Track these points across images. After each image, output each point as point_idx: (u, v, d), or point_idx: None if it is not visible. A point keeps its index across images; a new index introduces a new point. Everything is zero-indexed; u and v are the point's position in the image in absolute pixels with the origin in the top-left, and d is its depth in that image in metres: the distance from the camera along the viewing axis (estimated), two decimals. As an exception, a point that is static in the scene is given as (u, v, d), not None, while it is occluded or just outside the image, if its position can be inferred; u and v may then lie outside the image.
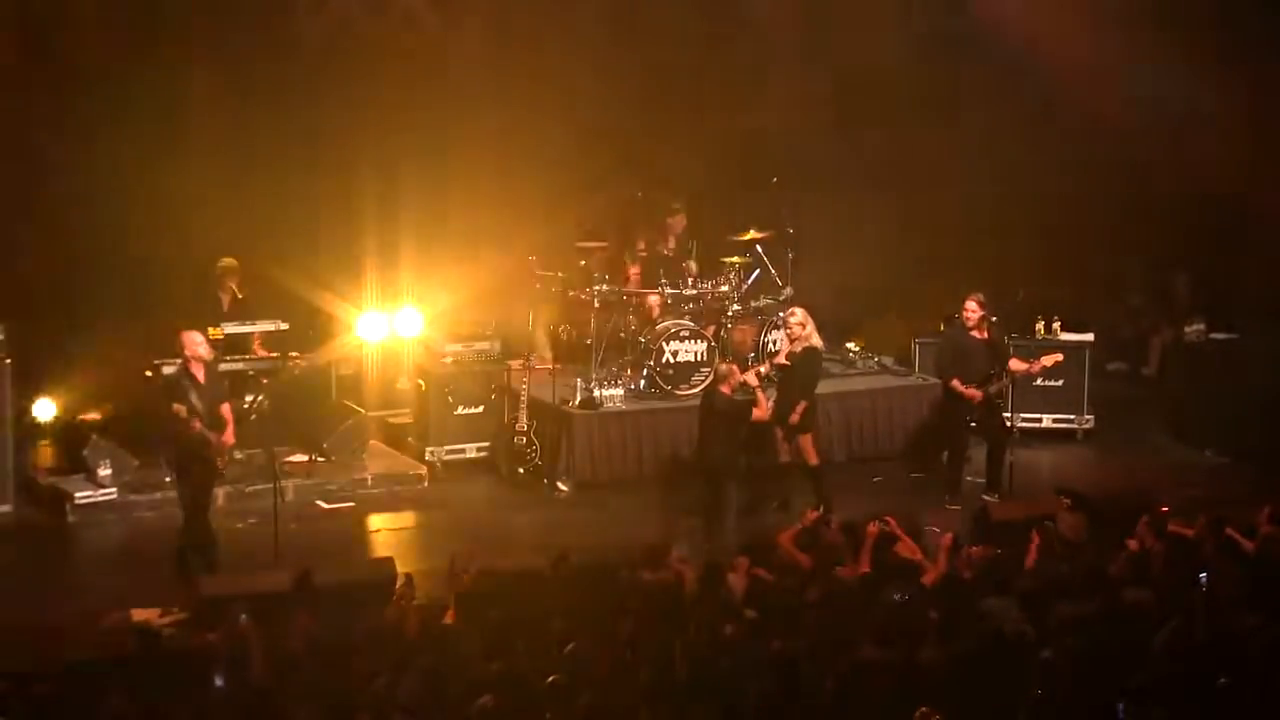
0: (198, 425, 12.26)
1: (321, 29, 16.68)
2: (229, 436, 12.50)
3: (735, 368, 14.32)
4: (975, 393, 14.59)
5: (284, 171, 16.12)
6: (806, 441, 14.40)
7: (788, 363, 14.55)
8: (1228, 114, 18.17)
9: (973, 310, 14.68)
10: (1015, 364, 14.87)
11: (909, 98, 18.69)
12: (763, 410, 14.08)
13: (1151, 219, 18.85)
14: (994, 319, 14.94)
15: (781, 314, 15.98)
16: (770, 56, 18.81)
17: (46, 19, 15.78)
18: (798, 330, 14.49)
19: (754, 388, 14.17)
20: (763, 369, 14.60)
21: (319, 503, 14.80)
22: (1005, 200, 18.46)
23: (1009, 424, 15.06)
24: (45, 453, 15.44)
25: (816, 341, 14.57)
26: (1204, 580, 10.28)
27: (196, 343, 12.52)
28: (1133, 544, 11.29)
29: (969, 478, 15.03)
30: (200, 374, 12.45)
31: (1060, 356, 15.28)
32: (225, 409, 12.56)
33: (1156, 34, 18.04)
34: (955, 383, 14.65)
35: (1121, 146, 18.33)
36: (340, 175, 16.52)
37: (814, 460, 14.43)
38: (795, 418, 14.25)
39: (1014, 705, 8.56)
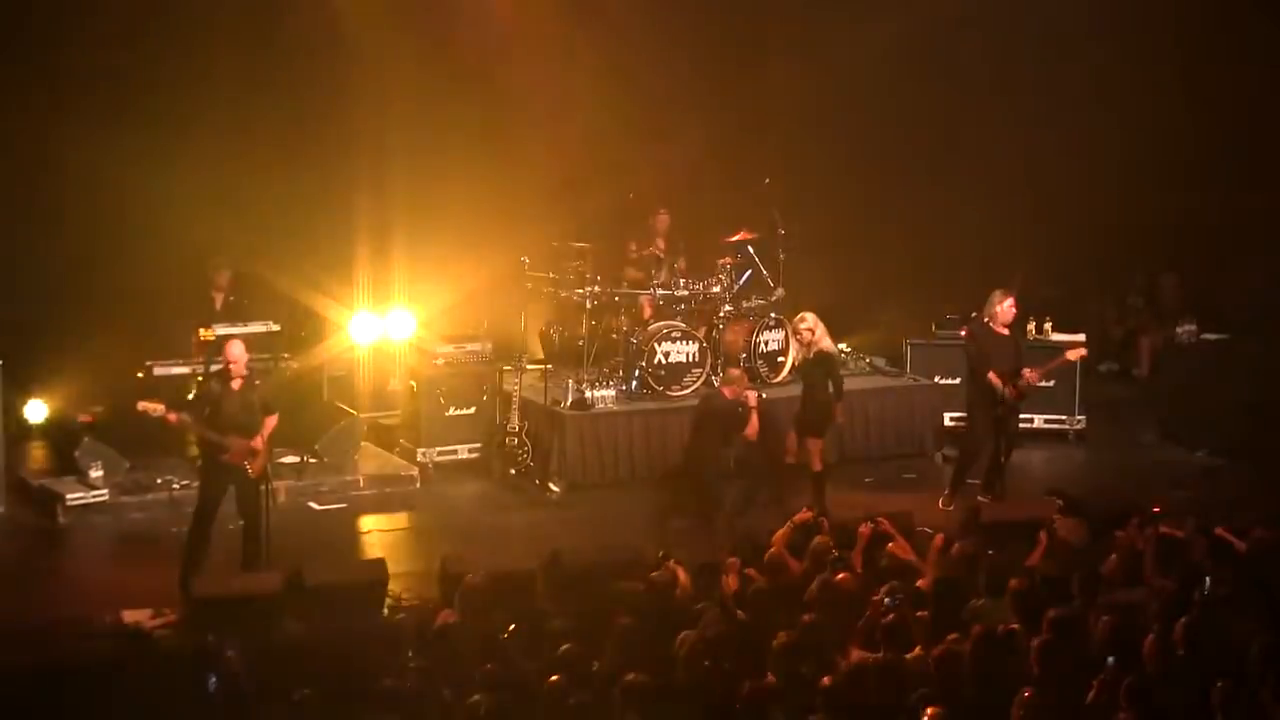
0: (173, 418, 12.33)
1: (314, 29, 16.65)
2: (256, 443, 12.43)
3: (745, 377, 14.36)
4: (1014, 391, 14.35)
5: (276, 173, 16.09)
6: (815, 446, 14.24)
7: (797, 369, 14.57)
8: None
9: (1010, 306, 14.48)
10: (1030, 374, 14.44)
11: (898, 98, 18.73)
12: (753, 430, 14.08)
13: (1142, 219, 18.87)
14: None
15: (774, 315, 16.01)
16: (762, 51, 18.84)
17: (43, 19, 15.75)
18: (807, 335, 14.32)
19: (750, 408, 14.17)
20: (764, 395, 14.62)
21: (311, 504, 14.80)
22: (997, 199, 18.46)
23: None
24: (37, 454, 15.41)
25: (828, 345, 14.39)
26: (1206, 583, 10.25)
27: (234, 351, 12.52)
28: (1124, 544, 11.29)
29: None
30: (236, 383, 12.47)
31: (1084, 351, 15.23)
32: (269, 419, 12.53)
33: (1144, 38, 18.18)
34: (991, 376, 14.31)
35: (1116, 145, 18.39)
36: (332, 177, 16.50)
37: (818, 466, 14.28)
38: (841, 418, 14.34)
39: (1005, 705, 8.55)
